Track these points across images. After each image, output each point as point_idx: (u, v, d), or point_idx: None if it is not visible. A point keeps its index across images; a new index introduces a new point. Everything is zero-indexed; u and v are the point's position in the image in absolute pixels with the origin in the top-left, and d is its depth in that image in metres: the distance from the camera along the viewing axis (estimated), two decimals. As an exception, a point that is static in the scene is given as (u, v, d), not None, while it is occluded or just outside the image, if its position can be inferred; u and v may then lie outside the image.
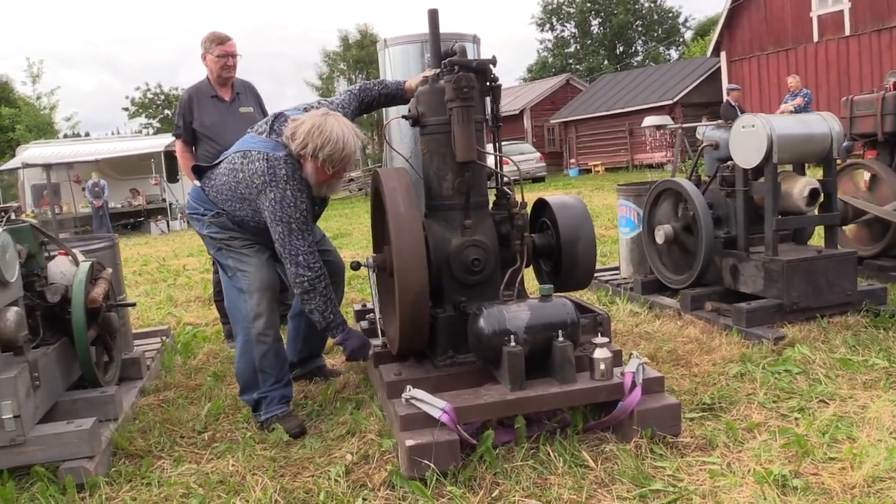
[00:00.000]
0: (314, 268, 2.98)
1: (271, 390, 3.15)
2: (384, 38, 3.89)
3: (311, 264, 2.98)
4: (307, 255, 2.97)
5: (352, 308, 4.70)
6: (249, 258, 3.14)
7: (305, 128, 2.87)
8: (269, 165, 2.93)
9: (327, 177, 2.98)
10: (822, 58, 20.65)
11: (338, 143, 2.86)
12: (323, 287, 3.01)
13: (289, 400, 3.21)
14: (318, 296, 3.01)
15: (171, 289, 7.44)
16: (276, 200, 2.91)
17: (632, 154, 27.47)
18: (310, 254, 2.97)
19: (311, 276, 2.97)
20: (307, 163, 2.94)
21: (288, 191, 2.91)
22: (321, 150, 2.85)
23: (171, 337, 4.75)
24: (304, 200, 2.96)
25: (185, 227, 18.36)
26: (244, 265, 3.14)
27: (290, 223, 2.93)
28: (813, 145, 4.01)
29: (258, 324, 3.12)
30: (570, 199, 3.34)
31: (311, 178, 2.97)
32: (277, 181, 2.91)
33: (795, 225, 4.18)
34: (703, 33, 45.90)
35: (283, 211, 2.92)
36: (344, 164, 2.94)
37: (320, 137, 2.85)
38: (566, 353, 2.69)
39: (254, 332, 3.12)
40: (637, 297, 4.84)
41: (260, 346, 3.14)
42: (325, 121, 2.88)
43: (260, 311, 3.12)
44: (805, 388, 3.14)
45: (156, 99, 45.76)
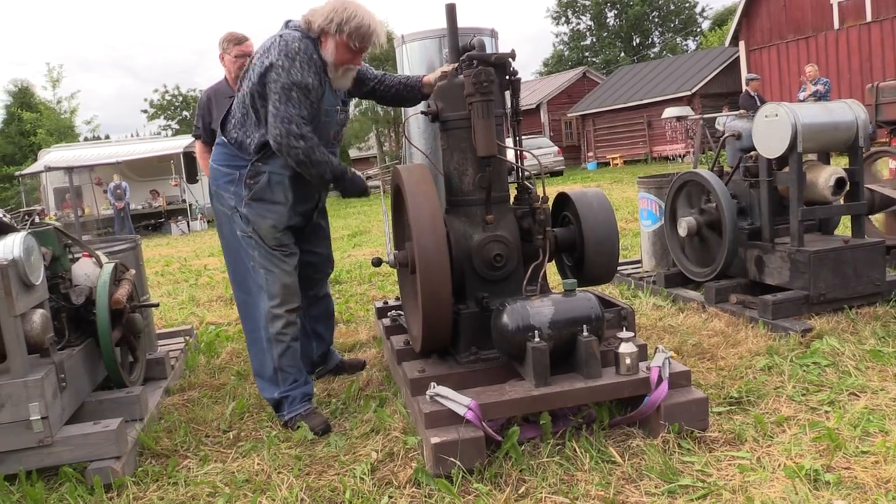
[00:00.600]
0: (307, 136, 2.90)
1: (292, 389, 3.15)
2: (401, 34, 3.87)
3: (305, 133, 2.89)
4: (300, 124, 2.88)
5: (373, 305, 4.70)
6: (278, 260, 3.12)
7: (327, 8, 2.88)
8: (282, 39, 2.91)
9: (349, 56, 2.95)
10: (844, 45, 20.36)
11: (363, 17, 2.87)
12: (318, 154, 2.94)
13: (311, 397, 3.22)
14: (315, 163, 2.95)
15: (193, 289, 7.49)
16: (284, 68, 2.86)
17: (650, 146, 27.28)
18: (304, 123, 2.89)
19: (304, 146, 2.89)
20: (328, 40, 2.92)
21: (297, 61, 2.87)
22: (347, 24, 2.85)
23: (194, 336, 4.78)
24: (311, 77, 2.90)
25: (205, 227, 18.50)
26: (271, 266, 3.11)
27: (289, 90, 2.86)
28: (838, 133, 3.94)
29: (277, 324, 3.13)
30: (592, 192, 3.30)
31: (330, 57, 2.94)
32: (289, 51, 2.87)
33: (821, 215, 4.11)
34: (720, 23, 45.47)
35: (287, 77, 2.85)
36: (368, 41, 2.91)
37: (345, 12, 2.86)
38: (591, 348, 2.66)
39: (272, 331, 3.14)
40: (660, 291, 4.79)
41: (278, 345, 3.14)
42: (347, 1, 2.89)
43: (279, 314, 3.12)
44: (835, 380, 3.09)
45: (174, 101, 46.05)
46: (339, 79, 3.06)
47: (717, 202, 4.22)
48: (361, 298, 5.92)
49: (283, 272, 3.13)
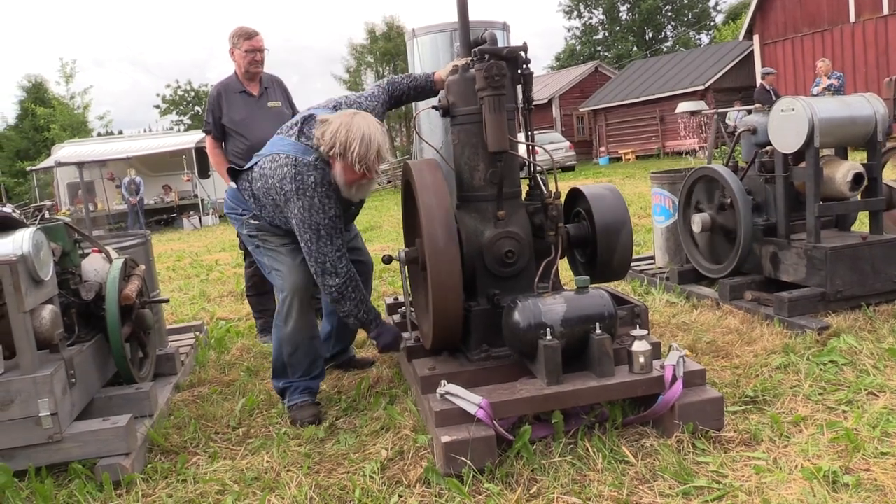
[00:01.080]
0: (341, 272, 2.97)
1: (297, 381, 3.22)
2: (412, 27, 3.84)
3: (339, 269, 2.97)
4: (335, 260, 2.96)
5: (384, 301, 4.67)
6: (284, 258, 3.16)
7: (333, 128, 2.85)
8: (297, 171, 2.91)
9: (357, 177, 2.93)
10: (860, 38, 20.11)
11: (364, 141, 2.82)
12: (352, 291, 3.01)
13: (313, 392, 3.25)
14: (348, 301, 3.02)
15: (203, 284, 7.50)
16: (305, 208, 2.90)
17: (663, 141, 27.11)
18: (338, 259, 2.96)
19: (338, 284, 2.97)
20: (336, 163, 2.91)
21: (316, 197, 2.90)
22: (349, 150, 2.82)
23: (204, 332, 4.77)
24: (333, 206, 2.94)
25: (216, 222, 18.55)
26: (278, 264, 3.17)
27: (318, 229, 2.92)
28: (856, 128, 3.87)
29: (289, 324, 3.17)
30: (605, 187, 3.26)
31: (339, 179, 2.94)
32: (305, 188, 2.90)
33: (839, 211, 4.04)
34: (734, 17, 45.07)
35: (311, 217, 2.91)
36: (372, 163, 2.89)
37: (347, 136, 2.82)
38: (604, 346, 2.62)
39: (285, 331, 3.19)
40: (673, 287, 4.74)
41: (289, 345, 3.20)
42: (353, 120, 2.86)
43: (290, 312, 3.16)
44: (852, 379, 3.03)
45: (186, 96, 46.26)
46: (354, 195, 3.05)
47: (732, 198, 4.16)
48: (372, 294, 5.88)
49: (291, 269, 3.15)
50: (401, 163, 34.44)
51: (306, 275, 3.17)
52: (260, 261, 3.27)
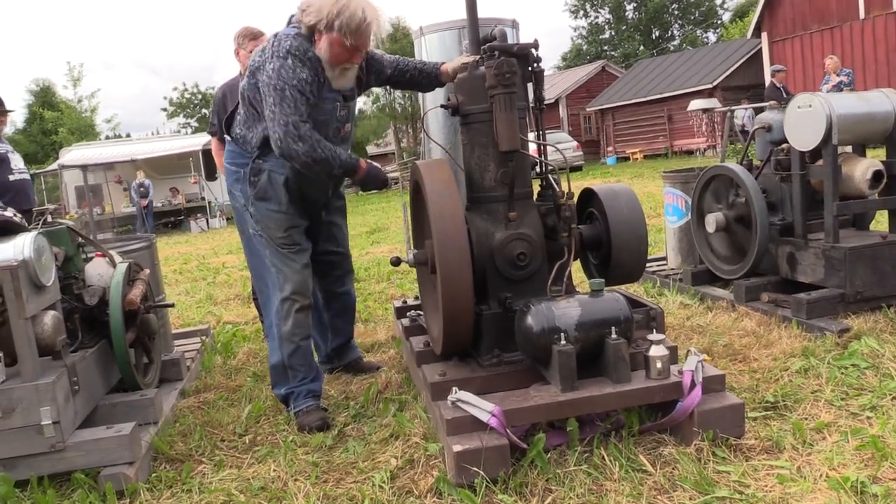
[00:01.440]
0: (305, 136, 2.75)
1: (299, 385, 3.16)
2: (420, 25, 3.76)
3: (303, 133, 2.74)
4: (298, 124, 2.74)
5: (392, 304, 4.61)
6: (288, 259, 3.10)
7: (321, 1, 2.73)
8: (275, 39, 2.82)
9: (344, 54, 2.81)
10: (870, 35, 19.94)
11: (357, 9, 2.69)
12: (321, 152, 2.80)
13: (316, 395, 3.19)
14: (318, 162, 2.82)
15: (210, 287, 7.45)
16: (275, 68, 2.75)
17: (671, 140, 26.97)
18: (301, 123, 2.75)
19: (303, 148, 2.76)
20: (321, 38, 2.79)
21: (289, 59, 2.75)
22: (337, 18, 2.69)
23: (210, 336, 4.71)
24: (307, 73, 2.79)
25: (224, 224, 18.53)
26: (282, 264, 3.11)
27: (283, 89, 2.74)
28: (875, 124, 3.78)
29: (288, 324, 3.12)
30: (619, 187, 3.18)
31: (324, 55, 2.81)
32: (279, 51, 2.77)
33: (857, 209, 3.95)
34: (741, 14, 44.83)
35: (279, 78, 2.74)
36: (363, 36, 2.76)
37: (336, 5, 2.70)
38: (620, 350, 2.54)
39: (284, 330, 3.13)
40: (687, 289, 4.65)
41: (289, 345, 3.14)
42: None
43: (290, 312, 3.10)
44: (875, 383, 2.94)
45: (193, 98, 46.35)
46: (337, 78, 2.93)
47: (747, 197, 4.07)
48: (380, 297, 5.83)
49: (293, 270, 3.10)
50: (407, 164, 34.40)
51: (309, 278, 3.11)
52: (260, 249, 3.13)
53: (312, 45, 2.84)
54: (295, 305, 3.10)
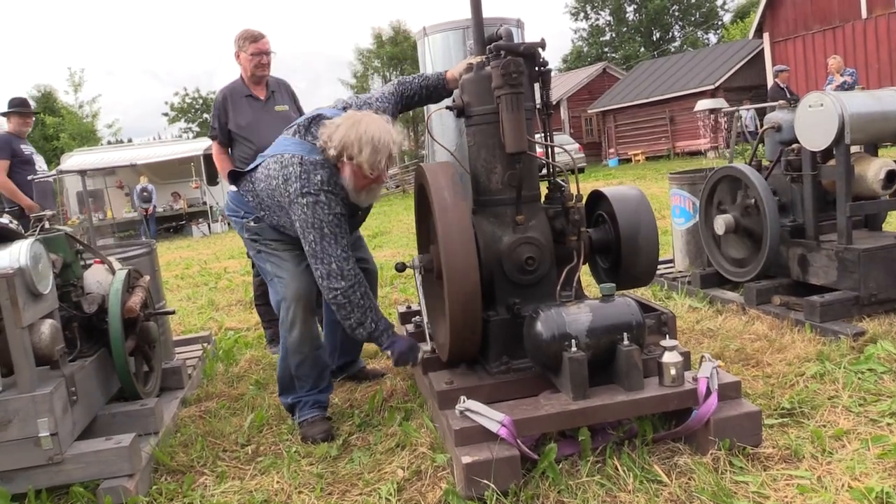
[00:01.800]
0: (348, 276, 2.80)
1: (305, 395, 3.10)
2: (423, 26, 3.70)
3: (345, 272, 2.79)
4: (340, 262, 2.78)
5: (396, 309, 4.53)
6: (286, 264, 3.04)
7: (342, 132, 2.71)
8: (302, 170, 2.78)
9: (366, 181, 2.81)
10: (872, 35, 19.86)
11: (375, 144, 2.69)
12: (359, 297, 2.83)
13: (323, 406, 3.13)
14: (354, 308, 2.83)
15: (212, 292, 7.38)
16: (310, 206, 2.76)
17: (673, 142, 26.89)
18: (343, 261, 2.79)
19: (343, 287, 2.79)
20: (345, 167, 2.78)
21: (322, 195, 2.76)
22: (358, 154, 2.69)
23: (212, 343, 4.64)
24: (339, 205, 2.80)
25: (226, 229, 18.47)
26: (281, 271, 3.04)
27: (322, 228, 2.76)
28: (888, 123, 3.70)
29: (294, 333, 3.05)
30: (628, 189, 3.11)
31: (349, 184, 2.81)
32: (311, 186, 2.76)
33: (870, 210, 3.87)
34: (742, 15, 44.78)
35: (315, 216, 2.76)
36: (382, 167, 2.76)
37: (357, 141, 2.68)
38: (632, 357, 2.47)
39: (290, 340, 3.07)
40: (696, 292, 4.57)
41: (296, 355, 3.08)
42: (361, 122, 2.72)
43: (294, 321, 3.03)
44: (894, 388, 2.86)
45: (194, 103, 46.33)
46: (363, 199, 2.92)
47: (757, 198, 3.99)
48: (383, 302, 5.75)
49: (293, 275, 3.03)
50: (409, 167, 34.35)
51: (310, 282, 3.03)
52: (261, 267, 3.14)
53: (336, 173, 2.81)
54: (297, 313, 3.01)
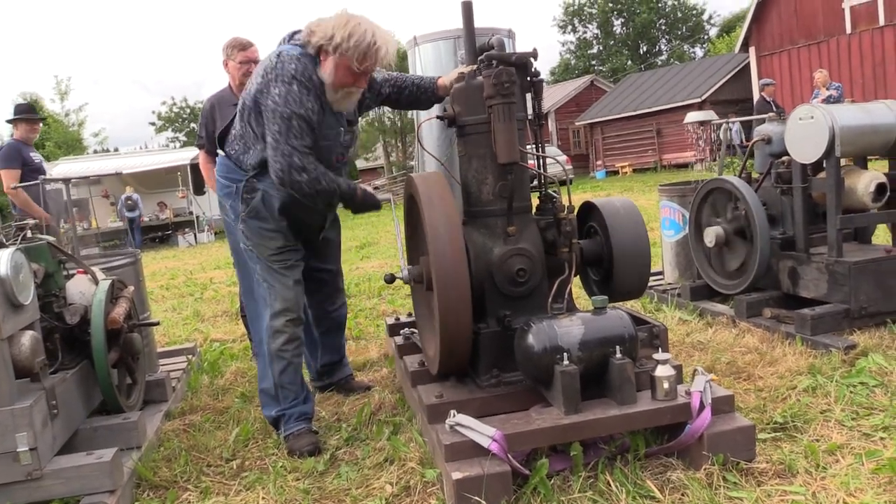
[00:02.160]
0: (309, 168, 2.70)
1: (290, 407, 3.03)
2: (414, 35, 3.67)
3: (307, 164, 2.69)
4: (303, 155, 2.68)
5: (384, 321, 4.49)
6: (278, 274, 2.98)
7: (330, 21, 2.66)
8: (279, 60, 2.71)
9: (350, 78, 2.73)
10: (856, 50, 20.08)
11: (366, 34, 2.62)
12: (325, 185, 2.74)
13: (308, 417, 3.07)
14: (321, 194, 2.76)
15: (197, 303, 7.30)
16: (281, 94, 2.66)
17: (660, 154, 27.03)
18: (305, 154, 2.69)
19: (307, 179, 2.70)
20: (327, 59, 2.70)
21: (295, 85, 2.67)
22: (346, 41, 2.61)
23: (197, 355, 4.57)
24: (311, 102, 2.70)
25: (212, 239, 18.36)
26: (272, 279, 2.99)
27: (290, 119, 2.66)
28: (878, 136, 3.71)
29: (278, 340, 2.99)
30: (620, 200, 3.09)
31: (329, 78, 2.72)
32: (284, 75, 2.67)
33: (861, 223, 3.88)
34: (728, 30, 45.25)
35: (285, 105, 2.66)
36: (371, 60, 2.68)
37: (346, 29, 2.62)
38: (625, 371, 2.43)
39: (273, 347, 3.01)
40: (686, 304, 4.55)
41: (279, 361, 3.01)
42: (354, 17, 2.67)
43: (283, 329, 2.98)
44: (887, 402, 2.85)
45: (182, 113, 46.17)
46: (338, 101, 2.84)
47: (747, 210, 3.99)
48: (371, 313, 5.71)
49: (284, 286, 2.99)
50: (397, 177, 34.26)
51: (300, 294, 3.00)
52: (250, 264, 3.05)
53: (317, 67, 2.74)
54: (285, 321, 2.98)
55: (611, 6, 49.90)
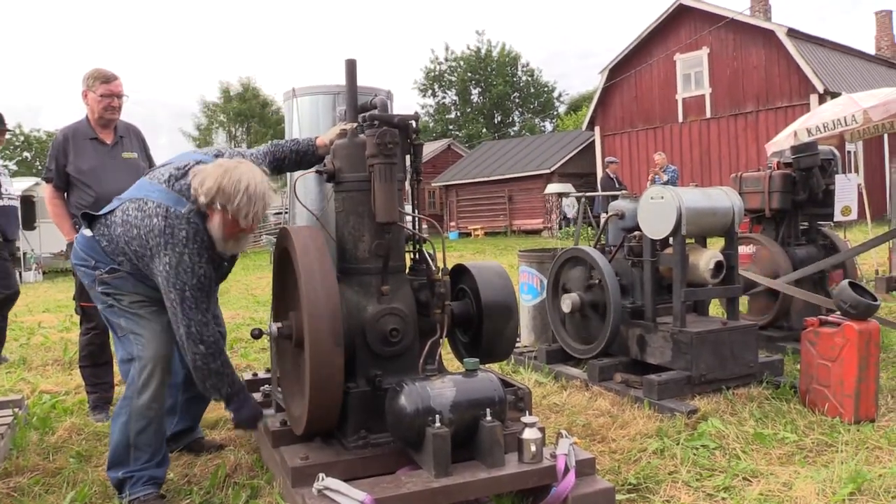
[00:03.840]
0: (207, 342, 2.64)
1: (140, 470, 2.78)
2: (293, 87, 3.65)
3: (205, 337, 2.64)
4: (200, 326, 2.62)
5: (242, 376, 4.28)
6: (145, 321, 2.77)
7: (214, 178, 2.55)
8: (167, 224, 2.58)
9: (236, 230, 2.65)
10: (686, 137, 22.21)
11: (250, 193, 2.55)
12: (219, 365, 2.68)
13: (158, 483, 2.83)
14: (212, 374, 2.67)
15: (24, 349, 6.63)
16: (172, 265, 2.57)
17: (510, 219, 28.17)
18: (203, 325, 2.63)
19: (203, 352, 2.63)
20: (214, 216, 2.61)
21: (185, 255, 2.57)
22: (231, 202, 2.53)
23: (24, 409, 4.13)
24: (204, 266, 2.63)
25: (39, 278, 16.90)
26: (139, 328, 2.77)
27: (183, 290, 2.59)
28: (717, 219, 4.09)
29: (144, 396, 2.76)
30: (491, 265, 3.18)
31: (216, 233, 2.63)
32: (175, 243, 2.57)
33: (702, 296, 4.21)
34: (575, 108, 48.54)
35: (177, 277, 2.58)
36: (256, 218, 2.64)
37: (231, 187, 2.53)
38: (495, 434, 2.47)
39: (138, 403, 2.76)
40: (541, 367, 4.71)
41: (140, 419, 2.77)
42: (236, 169, 2.58)
43: (148, 383, 2.76)
44: (725, 464, 3.07)
45: (14, 140, 42.76)
46: (230, 248, 2.75)
47: (602, 279, 4.23)
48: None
49: (152, 332, 2.78)
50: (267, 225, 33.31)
51: (170, 342, 2.80)
52: (113, 321, 2.82)
53: (203, 224, 2.64)
54: (154, 374, 2.76)
55: (469, 76, 52.20)
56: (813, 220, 5.44)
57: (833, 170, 5.23)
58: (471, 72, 52.22)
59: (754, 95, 20.60)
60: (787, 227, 5.27)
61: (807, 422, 3.53)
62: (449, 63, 52.92)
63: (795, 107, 19.25)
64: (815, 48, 20.93)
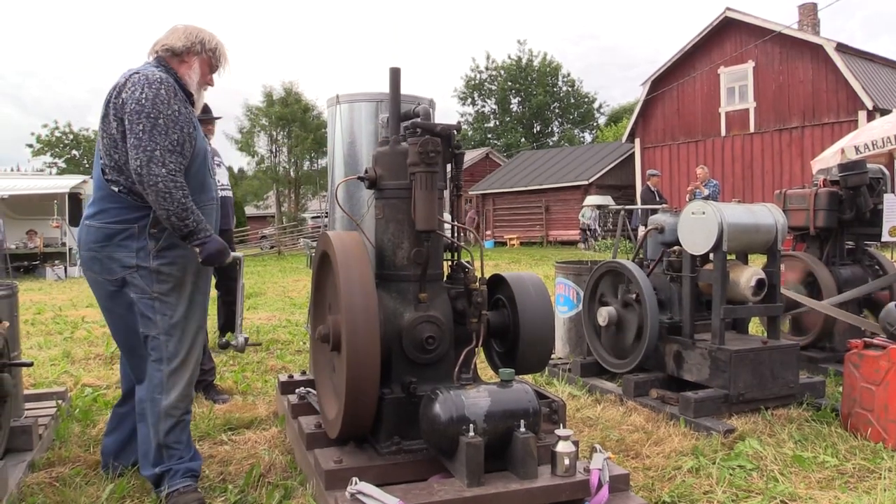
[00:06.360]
0: (169, 165, 2.58)
1: (177, 464, 2.80)
2: (336, 93, 3.70)
3: (167, 161, 2.58)
4: (165, 152, 2.57)
5: (274, 377, 4.34)
6: (180, 322, 2.78)
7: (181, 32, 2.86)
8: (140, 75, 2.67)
9: (209, 74, 2.95)
10: (729, 151, 21.91)
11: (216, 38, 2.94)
12: (181, 195, 2.59)
13: (196, 475, 2.85)
14: (176, 203, 2.58)
15: (67, 343, 6.80)
16: (148, 98, 2.60)
17: (547, 230, 28.05)
18: (169, 153, 2.59)
19: (164, 175, 2.56)
20: (193, 60, 2.87)
21: (163, 89, 2.65)
22: (208, 43, 2.88)
23: (67, 401, 4.23)
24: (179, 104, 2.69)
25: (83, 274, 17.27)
26: (185, 322, 2.79)
27: (157, 118, 2.59)
28: (759, 235, 4.02)
29: (172, 394, 2.77)
30: (528, 275, 3.17)
31: (196, 76, 2.89)
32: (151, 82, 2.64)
33: (742, 314, 4.14)
34: (616, 119, 48.26)
35: (153, 107, 2.60)
36: (225, 60, 2.99)
37: (202, 34, 2.88)
38: (528, 445, 2.46)
39: (165, 403, 2.77)
40: (576, 380, 4.68)
41: (169, 418, 2.79)
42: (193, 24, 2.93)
43: (178, 382, 2.78)
44: (762, 486, 3.01)
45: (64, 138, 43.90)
46: (199, 101, 2.98)
47: (640, 294, 4.19)
48: (258, 367, 5.51)
49: (186, 333, 2.79)
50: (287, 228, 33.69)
51: (201, 344, 2.85)
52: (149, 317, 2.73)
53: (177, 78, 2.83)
54: (185, 374, 2.79)
55: (510, 85, 52.24)
56: (859, 240, 5.30)
57: (882, 189, 5.10)
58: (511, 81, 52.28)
59: (800, 111, 20.26)
60: (833, 247, 5.16)
61: (848, 446, 3.45)
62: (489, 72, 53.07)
63: (843, 123, 18.89)
64: (865, 63, 20.51)
